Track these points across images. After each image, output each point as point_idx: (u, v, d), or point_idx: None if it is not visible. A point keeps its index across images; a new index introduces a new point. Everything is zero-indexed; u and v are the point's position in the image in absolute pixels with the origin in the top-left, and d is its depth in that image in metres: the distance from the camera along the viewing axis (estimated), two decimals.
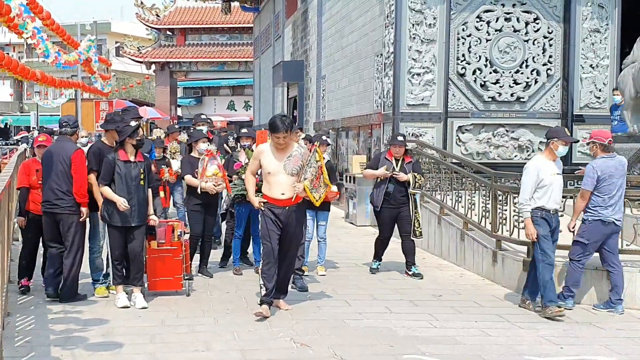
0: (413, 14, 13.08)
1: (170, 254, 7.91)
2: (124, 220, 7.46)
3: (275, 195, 7.17)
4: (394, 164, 9.20)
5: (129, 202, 7.41)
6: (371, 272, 9.38)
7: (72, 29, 29.47)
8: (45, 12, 13.76)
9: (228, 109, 49.27)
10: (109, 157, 7.53)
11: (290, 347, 6.18)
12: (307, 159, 7.21)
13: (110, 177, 7.45)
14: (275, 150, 7.19)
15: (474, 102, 13.39)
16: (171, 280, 7.90)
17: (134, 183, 7.48)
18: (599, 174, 7.53)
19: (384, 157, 9.32)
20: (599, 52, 13.57)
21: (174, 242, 7.98)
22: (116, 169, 7.45)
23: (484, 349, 6.20)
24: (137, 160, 7.61)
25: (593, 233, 7.55)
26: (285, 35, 26.12)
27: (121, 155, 7.54)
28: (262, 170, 7.27)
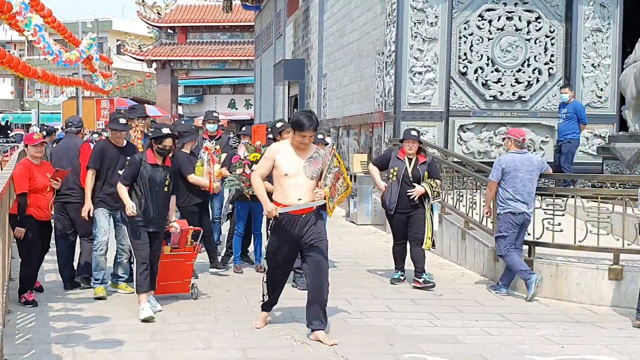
0: (415, 12, 13.07)
1: (183, 259, 7.74)
2: (145, 225, 7.14)
3: (291, 201, 6.31)
4: (406, 163, 8.46)
5: (150, 207, 7.10)
6: (392, 282, 8.65)
7: (74, 27, 29.45)
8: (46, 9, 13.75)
9: (229, 108, 49.25)
10: (136, 157, 7.23)
11: (290, 345, 6.18)
12: (327, 163, 6.47)
13: (132, 178, 7.12)
14: (296, 150, 6.38)
15: (476, 101, 13.38)
16: (179, 284, 7.74)
17: (157, 188, 7.13)
18: (503, 166, 8.17)
19: (396, 157, 8.55)
20: (600, 52, 13.56)
21: (188, 247, 7.80)
22: (141, 171, 7.10)
23: (485, 347, 6.19)
24: (164, 164, 7.25)
25: (507, 224, 8.09)
26: (287, 34, 26.11)
27: (149, 158, 7.18)
28: (276, 172, 6.40)
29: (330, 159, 6.51)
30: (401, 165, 8.46)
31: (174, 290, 7.72)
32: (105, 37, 53.97)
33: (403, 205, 8.44)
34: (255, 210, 9.10)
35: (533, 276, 7.92)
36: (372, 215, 13.65)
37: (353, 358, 5.80)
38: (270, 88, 29.21)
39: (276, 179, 6.44)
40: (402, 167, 8.44)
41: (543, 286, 8.11)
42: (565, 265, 8.06)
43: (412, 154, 8.46)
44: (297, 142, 6.34)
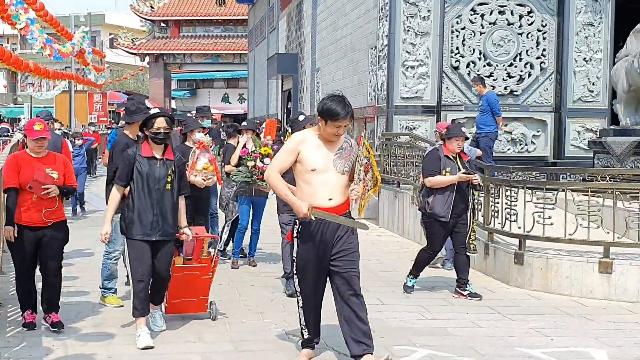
0: (407, 6, 13.08)
1: (198, 272, 6.61)
2: (144, 232, 5.97)
3: (321, 202, 5.32)
4: (457, 163, 7.74)
5: (149, 210, 5.97)
6: (405, 290, 7.97)
7: (66, 21, 29.36)
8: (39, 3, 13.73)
9: (222, 102, 49.21)
10: (128, 151, 6.11)
11: (282, 338, 6.20)
12: (359, 154, 5.58)
13: (128, 176, 6.00)
14: (324, 140, 5.42)
15: (468, 95, 13.40)
16: (195, 302, 6.63)
17: (157, 186, 5.99)
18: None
19: (444, 156, 7.75)
20: (592, 46, 13.59)
21: (203, 259, 6.66)
22: (136, 167, 5.98)
23: (475, 340, 6.23)
24: (164, 157, 6.08)
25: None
26: (280, 28, 26.09)
27: (144, 150, 6.04)
28: (300, 167, 5.40)
29: (360, 149, 5.68)
30: (453, 165, 7.71)
31: (189, 309, 6.63)
32: (98, 30, 53.79)
33: (458, 209, 7.69)
34: (257, 206, 9.09)
35: (447, 263, 8.92)
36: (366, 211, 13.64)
37: (344, 350, 5.82)
38: (263, 82, 29.20)
39: (300, 175, 5.43)
40: (454, 167, 7.70)
41: (533, 279, 8.15)
42: (555, 258, 8.10)
43: (456, 152, 7.79)
44: (329, 133, 5.37)
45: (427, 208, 7.72)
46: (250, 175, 8.63)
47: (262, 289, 7.99)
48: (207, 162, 8.09)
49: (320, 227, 5.35)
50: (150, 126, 6.03)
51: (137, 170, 5.98)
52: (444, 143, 7.83)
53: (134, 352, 5.76)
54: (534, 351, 5.97)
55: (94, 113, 34.24)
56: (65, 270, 8.70)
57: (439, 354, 5.82)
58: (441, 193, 7.62)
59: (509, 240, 8.73)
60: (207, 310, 6.67)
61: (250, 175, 8.63)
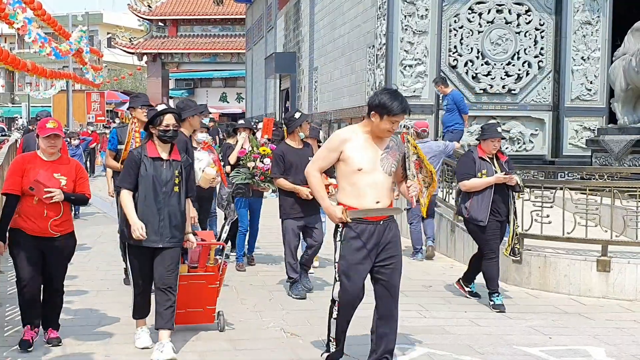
0: (405, 5, 13.08)
1: (204, 280, 6.20)
2: (150, 239, 5.56)
3: (368, 204, 5.01)
4: (493, 164, 7.32)
5: (155, 214, 5.58)
6: (498, 309, 7.17)
7: (64, 20, 29.35)
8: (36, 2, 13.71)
9: (220, 101, 49.18)
10: (133, 152, 5.75)
11: (280, 337, 6.20)
12: (405, 151, 5.23)
13: (133, 179, 5.59)
14: (373, 138, 5.09)
15: (466, 94, 13.41)
16: (201, 313, 6.23)
17: (164, 189, 5.59)
18: None
19: (479, 158, 7.33)
20: (590, 45, 13.60)
21: (210, 267, 6.26)
22: (141, 169, 5.58)
23: (474, 338, 6.23)
24: (171, 158, 5.68)
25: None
26: (278, 27, 26.09)
27: (149, 151, 5.63)
28: (345, 167, 5.06)
29: (405, 146, 5.27)
30: (489, 166, 7.28)
31: (195, 319, 6.22)
32: (96, 30, 53.78)
33: (499, 212, 7.30)
34: (254, 207, 9.03)
35: (418, 254, 9.73)
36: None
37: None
38: (261, 81, 29.19)
39: (344, 175, 5.08)
40: (490, 168, 7.27)
41: (531, 277, 8.16)
42: (553, 256, 8.10)
43: (493, 153, 7.35)
44: (382, 129, 5.02)
45: (465, 213, 7.39)
46: (251, 176, 8.53)
47: (260, 288, 7.98)
48: (211, 163, 7.93)
49: (366, 231, 5.03)
50: (158, 124, 5.63)
51: (142, 172, 5.57)
52: (479, 144, 7.42)
53: (131, 351, 5.76)
54: (532, 349, 5.97)
55: (92, 112, 34.25)
56: None
57: (438, 352, 5.83)
58: (478, 196, 7.22)
59: (507, 239, 8.72)
60: (214, 321, 6.30)
61: (251, 177, 8.53)
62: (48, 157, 5.63)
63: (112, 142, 7.73)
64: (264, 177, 8.46)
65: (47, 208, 5.51)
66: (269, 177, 8.29)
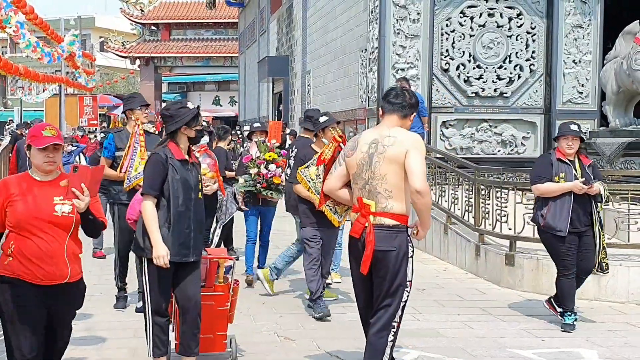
0: (397, 9, 13.11)
1: (213, 302, 5.37)
2: (181, 253, 4.85)
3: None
4: (575, 170, 6.60)
5: (187, 225, 4.87)
6: (566, 329, 6.63)
7: (56, 24, 29.27)
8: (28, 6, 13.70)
9: (213, 105, 49.19)
10: (160, 153, 4.88)
11: (273, 340, 6.20)
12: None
13: (160, 185, 4.84)
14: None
15: (458, 98, 13.45)
16: (210, 339, 5.38)
17: (193, 195, 4.90)
18: None
19: (557, 160, 6.64)
20: (581, 48, 13.65)
21: (219, 285, 5.47)
22: (170, 173, 4.84)
23: (467, 341, 6.25)
24: (192, 160, 5.06)
25: None
26: (270, 31, 26.12)
27: (175, 153, 4.90)
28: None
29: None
30: (568, 169, 6.59)
31: (204, 347, 5.25)
32: (88, 34, 53.68)
33: (579, 222, 6.59)
34: (264, 216, 8.35)
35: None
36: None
37: (336, 352, 5.84)
38: (254, 85, 29.20)
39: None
40: (570, 172, 6.58)
41: (524, 280, 8.18)
42: (546, 259, 8.10)
43: (571, 154, 6.64)
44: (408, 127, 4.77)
45: (541, 221, 6.69)
46: (253, 183, 7.92)
47: (254, 291, 7.98)
48: (205, 168, 7.15)
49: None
50: (193, 123, 4.93)
51: (173, 177, 4.83)
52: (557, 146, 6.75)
53: (125, 355, 5.76)
54: (525, 352, 6.00)
55: (85, 116, 34.16)
56: None
57: (431, 355, 5.85)
58: (556, 202, 6.53)
59: (500, 241, 8.77)
60: (225, 350, 5.52)
61: (253, 184, 7.92)
62: (44, 176, 4.15)
63: (109, 148, 6.88)
64: (267, 184, 7.91)
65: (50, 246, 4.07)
66: (274, 185, 7.85)
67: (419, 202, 4.50)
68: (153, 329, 4.91)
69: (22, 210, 4.03)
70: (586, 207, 6.59)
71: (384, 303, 4.59)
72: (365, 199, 4.59)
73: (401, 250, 4.56)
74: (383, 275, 4.58)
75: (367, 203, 4.57)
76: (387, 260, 4.54)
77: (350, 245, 4.79)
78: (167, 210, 4.82)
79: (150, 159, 4.94)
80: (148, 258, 4.83)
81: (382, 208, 4.54)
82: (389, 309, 4.58)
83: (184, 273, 4.90)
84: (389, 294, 4.58)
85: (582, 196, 6.54)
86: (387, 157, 4.51)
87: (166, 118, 4.97)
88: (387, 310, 4.58)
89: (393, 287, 4.56)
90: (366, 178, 4.58)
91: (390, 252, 4.54)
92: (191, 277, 4.92)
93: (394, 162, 4.48)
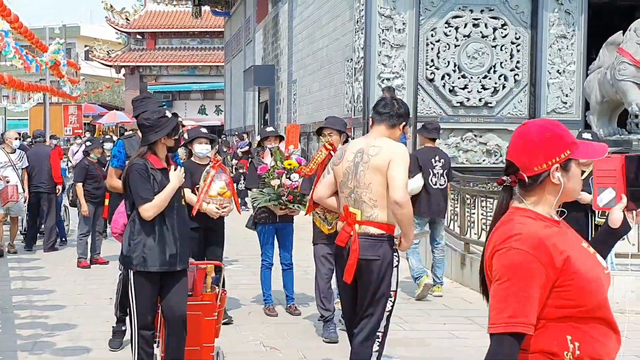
0: (383, 19, 13.16)
1: (200, 312, 5.15)
2: (169, 262, 4.72)
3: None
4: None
5: (172, 234, 4.74)
6: None
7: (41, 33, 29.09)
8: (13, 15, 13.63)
9: (199, 113, 49.05)
10: (138, 162, 4.75)
11: (259, 350, 6.19)
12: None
13: (153, 192, 4.70)
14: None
15: (443, 107, 13.50)
16: (196, 352, 5.15)
17: (176, 203, 4.80)
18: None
19: None
20: (565, 58, 13.75)
21: (207, 295, 5.25)
22: (152, 184, 4.73)
23: (453, 350, 6.26)
24: (170, 167, 4.91)
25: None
26: (256, 40, 26.13)
27: (154, 162, 4.79)
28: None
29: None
30: None
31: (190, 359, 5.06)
32: (74, 42, 53.46)
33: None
34: (283, 234, 7.37)
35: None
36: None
37: None
38: (240, 94, 29.18)
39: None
40: None
41: None
42: None
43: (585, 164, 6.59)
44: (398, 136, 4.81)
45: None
46: (276, 197, 6.92)
47: (240, 301, 7.96)
48: (223, 186, 6.38)
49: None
50: (174, 135, 4.86)
51: (154, 187, 4.71)
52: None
53: None
54: None
55: (69, 125, 34.01)
56: (41, 284, 8.68)
57: None
58: None
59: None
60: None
61: (276, 197, 6.92)
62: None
63: (119, 157, 6.03)
64: (293, 196, 6.91)
65: None
66: (299, 195, 6.88)
67: (398, 213, 4.47)
68: (138, 341, 4.78)
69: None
70: (581, 218, 6.48)
71: (367, 312, 4.57)
72: (351, 207, 4.59)
73: (385, 260, 4.52)
74: (367, 284, 4.55)
75: (353, 212, 4.56)
76: (371, 269, 4.51)
77: (336, 255, 4.80)
78: (153, 221, 4.69)
79: (132, 169, 4.73)
80: (137, 270, 4.71)
81: (367, 217, 4.52)
82: (372, 318, 4.55)
83: (170, 284, 4.78)
84: (372, 303, 4.55)
85: (577, 207, 6.34)
86: (372, 166, 4.50)
87: (145, 128, 4.82)
88: (370, 320, 4.56)
89: (376, 297, 4.54)
90: (352, 187, 4.59)
91: (374, 261, 4.50)
92: (177, 288, 4.79)
93: (378, 172, 4.48)
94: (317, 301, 6.63)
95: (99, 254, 10.18)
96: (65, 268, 9.78)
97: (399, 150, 4.57)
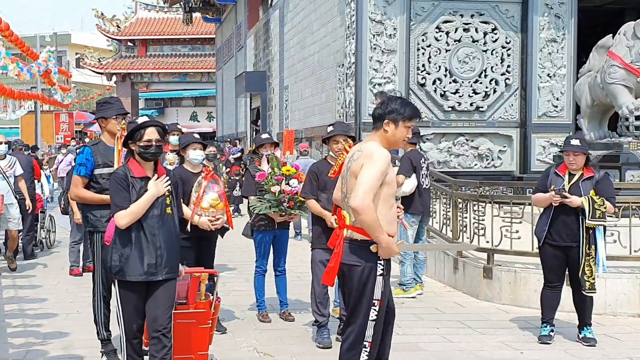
0: (373, 24, 13.19)
1: (194, 320, 5.18)
2: (148, 272, 4.68)
3: (394, 230, 4.54)
4: (565, 180, 6.57)
5: (149, 243, 4.68)
6: (541, 341, 6.68)
7: (32, 41, 29.13)
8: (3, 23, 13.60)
9: (191, 120, 49.07)
10: (118, 172, 4.78)
11: (253, 357, 6.17)
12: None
13: (129, 201, 4.67)
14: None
15: (435, 112, 13.53)
16: (191, 359, 5.22)
17: (158, 212, 4.72)
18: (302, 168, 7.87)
19: (554, 172, 6.71)
20: (556, 62, 13.81)
21: (200, 303, 5.28)
22: (131, 192, 4.70)
23: (446, 354, 6.26)
24: (158, 174, 4.84)
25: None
26: (248, 46, 26.14)
27: (135, 170, 4.76)
28: (387, 190, 4.41)
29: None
30: (559, 182, 6.59)
31: None
32: (64, 50, 53.44)
33: (555, 237, 6.59)
34: (280, 240, 7.34)
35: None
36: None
37: None
38: (232, 100, 29.18)
39: (385, 200, 4.42)
40: (560, 184, 6.56)
41: (502, 293, 8.22)
42: (523, 272, 8.18)
43: (575, 169, 6.58)
44: (399, 138, 4.58)
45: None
46: (277, 203, 6.90)
47: (232, 307, 7.93)
48: (216, 198, 6.34)
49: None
50: (138, 138, 4.75)
51: (132, 195, 4.69)
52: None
53: None
54: None
55: (61, 133, 33.97)
56: (32, 292, 8.64)
57: None
58: (543, 213, 6.71)
59: (478, 254, 8.80)
60: None
61: (277, 204, 6.90)
62: None
63: (87, 165, 5.75)
64: (294, 202, 6.92)
65: None
66: (299, 201, 6.89)
67: (357, 219, 4.34)
68: (127, 349, 4.79)
69: None
70: (571, 221, 6.51)
71: (350, 320, 4.49)
72: (343, 211, 4.60)
73: (367, 267, 4.38)
74: (349, 291, 4.48)
75: (344, 215, 4.56)
76: (352, 275, 4.43)
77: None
78: (131, 230, 4.66)
79: (112, 177, 4.80)
80: (121, 280, 4.70)
81: (352, 222, 4.45)
82: (355, 326, 4.44)
83: (154, 293, 4.72)
84: (354, 309, 4.45)
85: (567, 210, 6.48)
86: (352, 171, 4.45)
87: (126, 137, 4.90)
88: (353, 328, 4.45)
89: (359, 304, 4.42)
90: (344, 191, 4.60)
91: (355, 266, 4.41)
92: (161, 297, 4.71)
93: (355, 177, 4.40)
94: (312, 306, 6.61)
95: (91, 262, 10.08)
96: (57, 276, 9.74)
97: (371, 153, 4.40)
